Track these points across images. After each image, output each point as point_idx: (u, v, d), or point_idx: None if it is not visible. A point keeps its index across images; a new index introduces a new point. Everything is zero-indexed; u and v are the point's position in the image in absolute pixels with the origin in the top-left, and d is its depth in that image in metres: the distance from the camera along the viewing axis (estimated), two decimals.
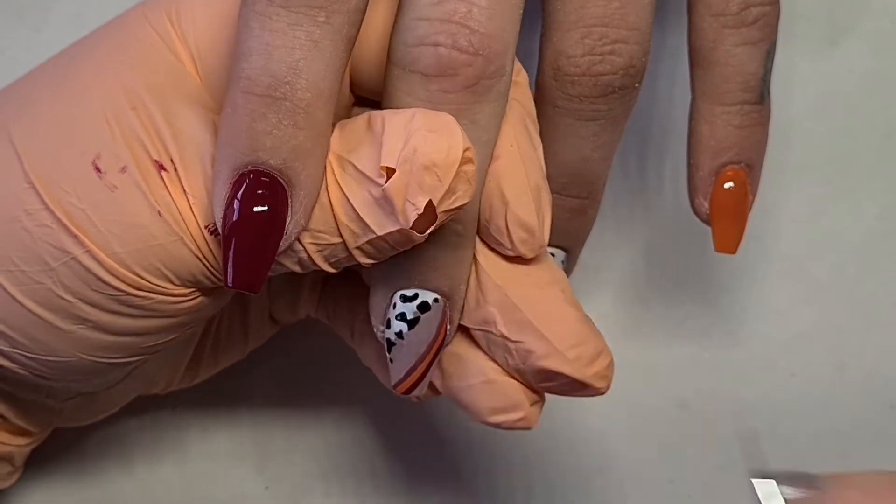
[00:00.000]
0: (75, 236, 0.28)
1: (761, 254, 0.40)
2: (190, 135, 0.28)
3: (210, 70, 0.29)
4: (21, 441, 0.34)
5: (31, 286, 0.28)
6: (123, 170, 0.28)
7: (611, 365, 0.31)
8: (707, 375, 0.40)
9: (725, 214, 0.33)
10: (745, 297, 0.40)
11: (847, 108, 0.41)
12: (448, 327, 0.30)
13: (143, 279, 0.28)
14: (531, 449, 0.40)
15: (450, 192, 0.27)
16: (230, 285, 0.27)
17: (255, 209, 0.26)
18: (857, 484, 0.30)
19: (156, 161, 0.28)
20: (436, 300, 0.30)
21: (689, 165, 0.33)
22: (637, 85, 0.31)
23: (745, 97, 0.32)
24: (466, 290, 0.30)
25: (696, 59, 0.33)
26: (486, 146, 0.29)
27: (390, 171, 0.27)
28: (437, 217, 0.27)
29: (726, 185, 0.33)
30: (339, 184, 0.27)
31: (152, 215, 0.28)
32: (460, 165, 0.27)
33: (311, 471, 0.39)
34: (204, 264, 0.28)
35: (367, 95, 0.30)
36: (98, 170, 0.28)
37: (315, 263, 0.28)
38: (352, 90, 0.30)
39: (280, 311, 0.36)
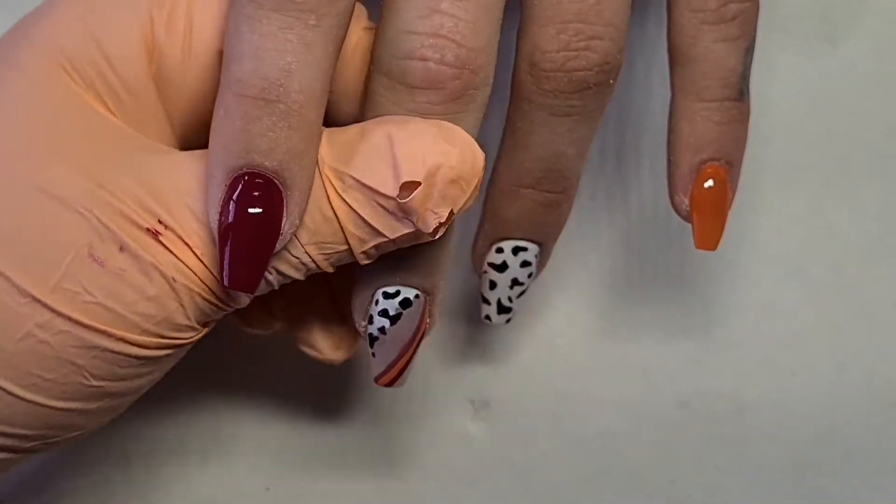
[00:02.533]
0: (101, 331, 0.27)
1: (761, 253, 0.40)
2: (165, 186, 0.28)
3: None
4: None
5: (58, 389, 0.28)
6: (122, 249, 0.27)
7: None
8: (707, 375, 0.40)
9: (706, 211, 0.33)
10: (745, 297, 0.40)
11: (846, 107, 0.41)
12: (428, 320, 0.31)
13: (170, 338, 0.28)
14: (532, 450, 0.40)
15: (469, 197, 0.28)
16: (227, 285, 0.27)
17: (251, 211, 0.27)
18: None
19: (148, 229, 0.27)
20: (417, 296, 0.31)
21: (669, 163, 0.33)
22: (612, 81, 0.31)
23: (724, 93, 0.32)
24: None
25: (675, 56, 0.33)
26: None
27: (411, 185, 0.27)
28: (452, 221, 0.28)
29: (707, 184, 0.33)
30: (342, 198, 0.28)
31: (168, 283, 0.28)
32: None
33: (311, 471, 0.39)
34: (219, 305, 0.29)
35: None
36: (97, 261, 0.27)
37: (319, 268, 0.29)
38: None
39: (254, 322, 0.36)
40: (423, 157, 0.27)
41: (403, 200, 0.27)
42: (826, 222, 0.41)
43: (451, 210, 0.28)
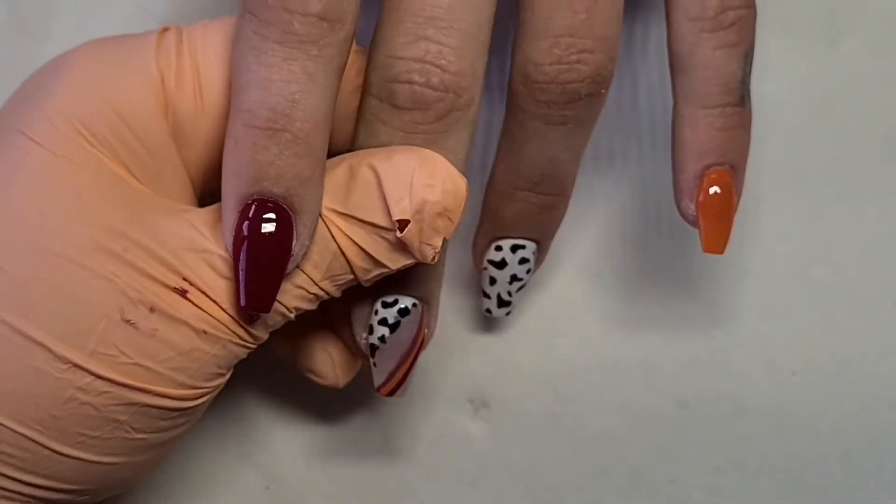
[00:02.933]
0: (140, 389, 0.29)
1: (762, 254, 0.40)
2: (186, 247, 0.29)
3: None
4: None
5: (105, 445, 0.29)
6: (153, 310, 0.29)
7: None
8: (707, 375, 0.40)
9: (712, 216, 0.33)
10: (745, 297, 0.40)
11: (847, 109, 0.41)
12: (426, 330, 0.33)
13: (205, 387, 0.30)
14: (532, 450, 0.40)
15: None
16: (243, 306, 0.29)
17: (263, 234, 0.28)
18: None
19: (175, 289, 0.29)
20: (414, 305, 0.32)
21: (674, 169, 0.34)
22: (603, 91, 0.32)
23: (725, 99, 0.33)
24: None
25: (675, 64, 0.33)
26: (459, 167, 0.31)
27: (403, 222, 0.29)
28: (447, 246, 0.30)
29: (712, 191, 0.33)
30: (347, 236, 0.29)
31: (199, 336, 0.29)
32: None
33: (311, 470, 0.39)
34: (245, 346, 0.30)
35: None
36: (130, 322, 0.28)
37: (330, 296, 0.31)
38: None
39: None
40: (409, 196, 0.29)
41: (399, 236, 0.29)
42: (827, 223, 0.41)
43: (444, 238, 0.29)
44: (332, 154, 0.30)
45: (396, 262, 0.30)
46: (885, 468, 0.40)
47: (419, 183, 0.29)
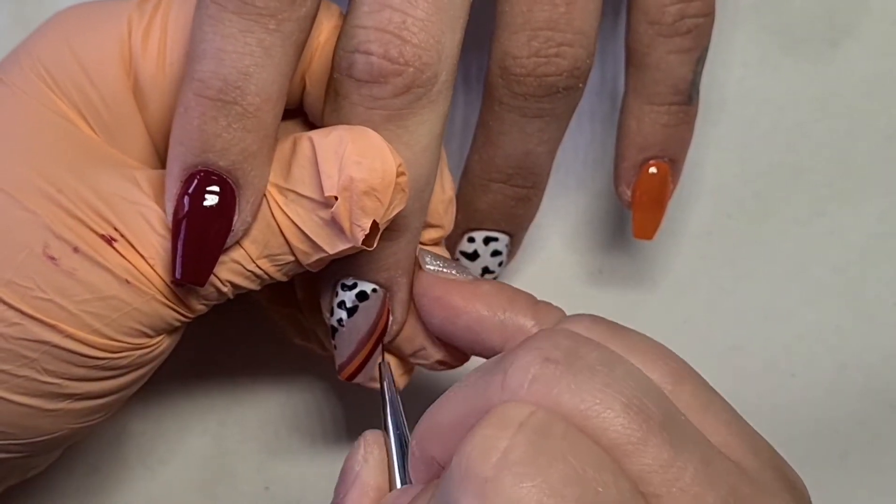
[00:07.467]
0: (51, 326, 0.28)
1: (762, 255, 0.40)
2: (123, 198, 0.29)
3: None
4: None
5: (14, 381, 0.29)
6: (76, 250, 0.28)
7: None
8: (707, 376, 0.40)
9: (645, 203, 0.35)
10: (745, 298, 0.40)
11: (848, 109, 0.41)
12: (389, 318, 0.32)
13: (124, 342, 0.29)
14: None
15: (389, 205, 0.28)
16: (178, 278, 0.28)
17: (204, 206, 0.28)
18: None
19: (102, 236, 0.28)
20: (374, 290, 0.32)
21: (616, 155, 0.35)
22: (581, 85, 0.32)
23: (673, 99, 0.34)
24: (410, 281, 0.32)
25: (630, 59, 0.34)
26: (420, 150, 0.30)
27: (334, 198, 0.28)
28: (380, 229, 0.29)
29: (650, 171, 0.35)
30: (284, 212, 0.29)
31: (121, 285, 0.28)
32: (395, 179, 0.28)
33: (311, 471, 0.39)
34: (175, 310, 0.29)
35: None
36: (52, 258, 0.28)
37: (272, 278, 0.30)
38: None
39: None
40: (338, 172, 0.28)
41: (330, 211, 0.28)
42: (827, 223, 0.41)
43: (375, 221, 0.28)
44: None
45: (333, 244, 0.29)
46: (884, 469, 0.40)
47: (349, 159, 0.28)
